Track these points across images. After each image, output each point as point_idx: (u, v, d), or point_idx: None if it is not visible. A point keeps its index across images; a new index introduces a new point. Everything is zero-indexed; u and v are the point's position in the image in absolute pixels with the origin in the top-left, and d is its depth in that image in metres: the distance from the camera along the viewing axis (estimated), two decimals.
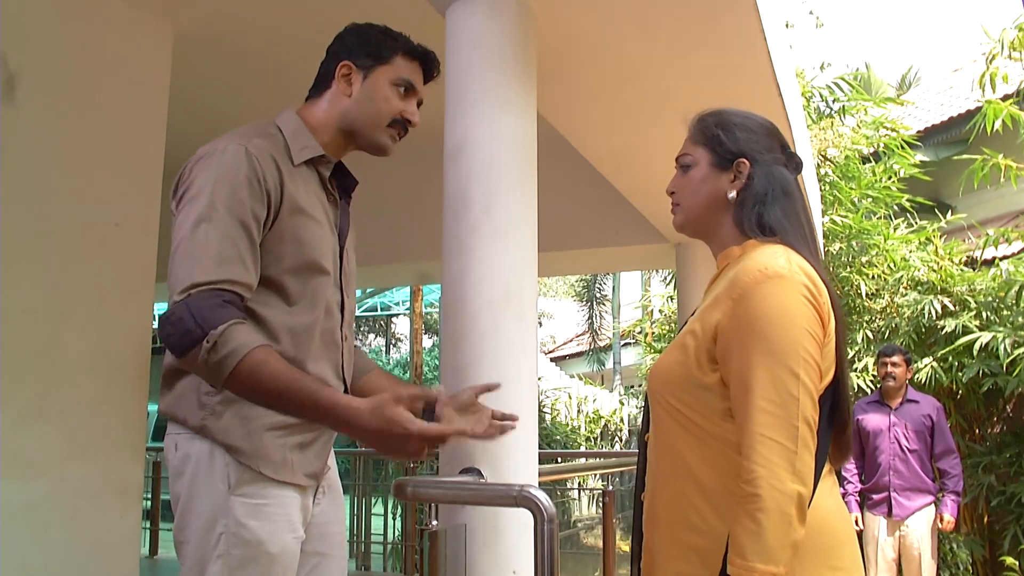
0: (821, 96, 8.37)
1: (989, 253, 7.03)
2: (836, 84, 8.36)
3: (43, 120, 2.99)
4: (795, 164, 1.62)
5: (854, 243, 7.15)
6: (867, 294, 6.95)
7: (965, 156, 6.69)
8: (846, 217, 7.12)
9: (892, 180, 7.81)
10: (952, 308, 6.40)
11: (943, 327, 6.31)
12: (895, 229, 7.37)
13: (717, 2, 2.86)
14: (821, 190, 7.32)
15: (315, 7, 3.36)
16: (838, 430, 1.48)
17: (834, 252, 7.22)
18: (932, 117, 11.20)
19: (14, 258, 2.82)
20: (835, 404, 1.45)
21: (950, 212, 8.10)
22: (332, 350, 1.75)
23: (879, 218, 7.52)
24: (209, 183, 1.56)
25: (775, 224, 1.52)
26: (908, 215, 7.86)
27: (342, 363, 1.79)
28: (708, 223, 1.61)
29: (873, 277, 7.07)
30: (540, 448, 2.65)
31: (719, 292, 1.48)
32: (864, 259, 7.15)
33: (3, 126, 2.81)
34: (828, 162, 7.56)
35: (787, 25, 7.97)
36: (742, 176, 1.57)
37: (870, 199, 7.53)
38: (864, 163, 7.93)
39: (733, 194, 1.57)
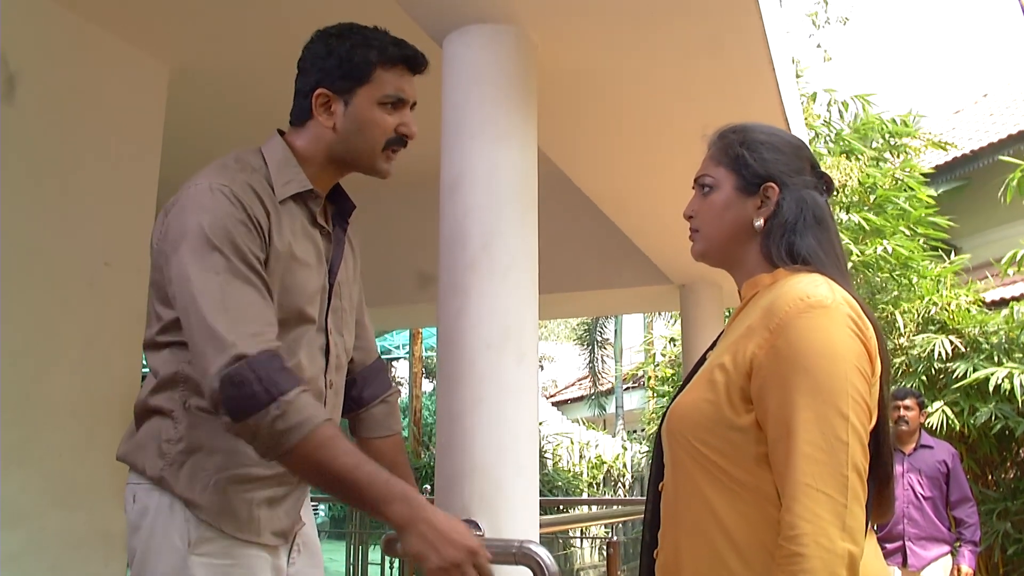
0: (880, 130, 8.18)
1: (998, 294, 6.95)
2: (893, 121, 8.21)
3: (33, 155, 2.94)
4: (826, 185, 1.47)
5: (895, 274, 6.95)
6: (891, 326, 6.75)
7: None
8: (901, 246, 6.85)
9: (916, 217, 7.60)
10: (963, 350, 6.29)
11: (954, 370, 6.20)
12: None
13: (725, 34, 2.79)
14: (864, 220, 7.09)
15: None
16: (880, 483, 1.32)
17: (874, 283, 7.04)
18: (935, 158, 11.17)
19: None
20: (876, 454, 1.29)
21: (953, 253, 8.01)
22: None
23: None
24: (205, 229, 1.44)
25: (809, 253, 1.37)
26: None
27: None
28: (732, 252, 1.46)
29: (905, 312, 6.87)
30: (541, 495, 2.55)
31: (752, 322, 1.31)
32: (895, 293, 6.97)
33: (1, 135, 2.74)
34: (873, 190, 7.34)
35: (793, 61, 7.90)
36: (770, 202, 1.42)
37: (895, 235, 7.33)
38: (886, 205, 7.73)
39: (760, 222, 1.42)
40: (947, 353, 6.25)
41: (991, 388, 5.92)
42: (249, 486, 1.52)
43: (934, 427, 5.99)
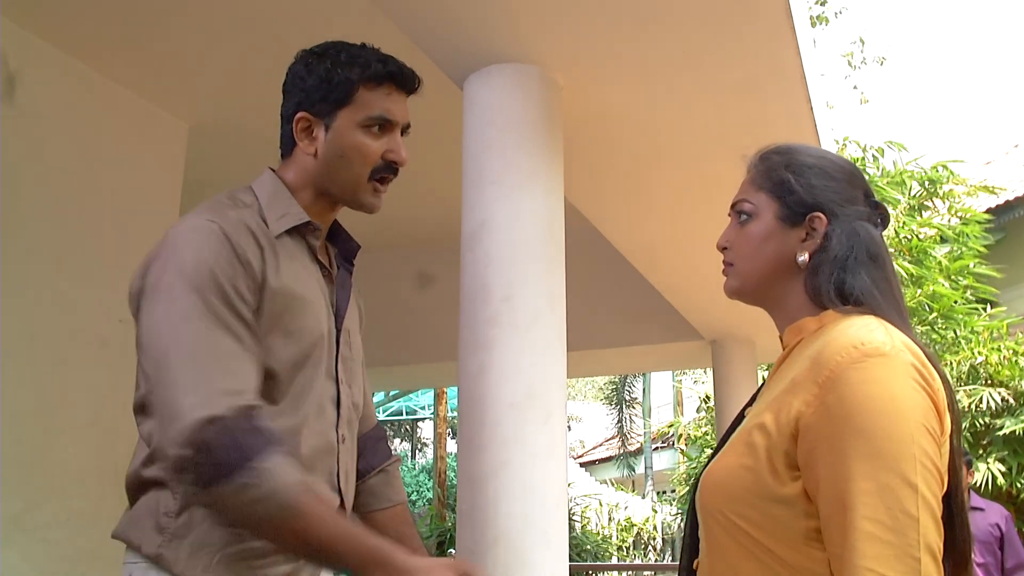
0: (924, 178, 8.02)
1: None
2: (938, 168, 8.09)
3: (51, 209, 2.92)
4: (881, 217, 1.30)
5: (936, 327, 6.74)
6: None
7: None
8: (944, 295, 6.63)
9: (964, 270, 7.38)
10: (1012, 402, 6.08)
11: (1000, 426, 6.00)
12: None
13: (762, 75, 2.71)
14: (902, 269, 6.89)
15: None
16: (956, 565, 1.11)
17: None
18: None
19: (7, 357, 2.70)
20: (950, 527, 1.10)
21: (989, 305, 7.79)
22: (326, 456, 1.47)
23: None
24: (185, 269, 1.31)
25: (863, 293, 1.20)
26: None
27: (338, 471, 1.51)
28: (771, 290, 1.29)
29: (946, 365, 6.60)
30: (569, 560, 2.40)
31: (797, 375, 1.14)
32: (941, 344, 6.76)
33: (2, 221, 2.69)
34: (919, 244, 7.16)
35: (828, 105, 7.80)
36: (816, 234, 1.24)
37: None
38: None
39: (805, 257, 1.24)
40: (997, 405, 6.06)
41: None
42: (261, 562, 1.35)
43: (979, 486, 5.77)
